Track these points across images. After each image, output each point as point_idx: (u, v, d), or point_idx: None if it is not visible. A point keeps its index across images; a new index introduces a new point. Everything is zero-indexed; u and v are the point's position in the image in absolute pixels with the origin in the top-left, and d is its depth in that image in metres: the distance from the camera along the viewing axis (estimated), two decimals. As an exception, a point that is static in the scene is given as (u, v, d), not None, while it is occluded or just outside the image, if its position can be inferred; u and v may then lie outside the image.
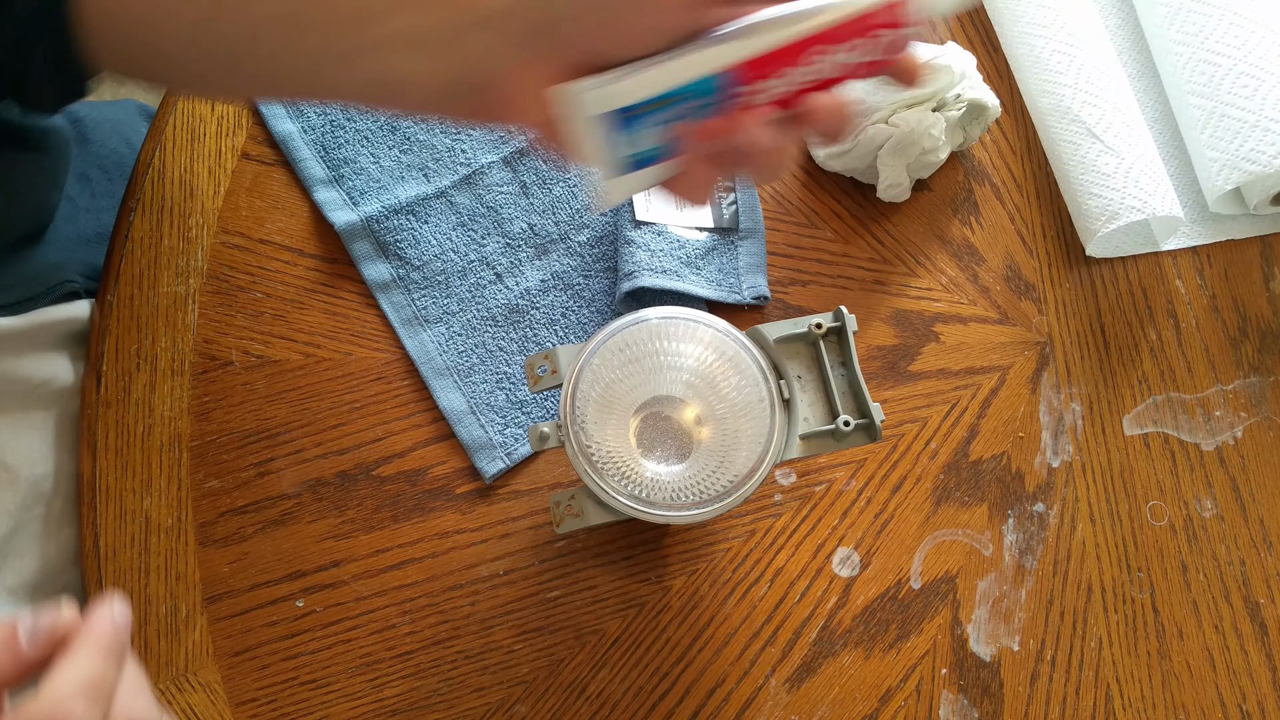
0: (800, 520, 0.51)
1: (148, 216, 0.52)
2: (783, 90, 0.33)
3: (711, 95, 0.33)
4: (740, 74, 0.32)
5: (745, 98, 0.33)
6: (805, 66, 0.33)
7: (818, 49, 0.32)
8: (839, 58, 0.33)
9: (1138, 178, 0.54)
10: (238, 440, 0.49)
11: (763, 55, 0.32)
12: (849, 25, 0.32)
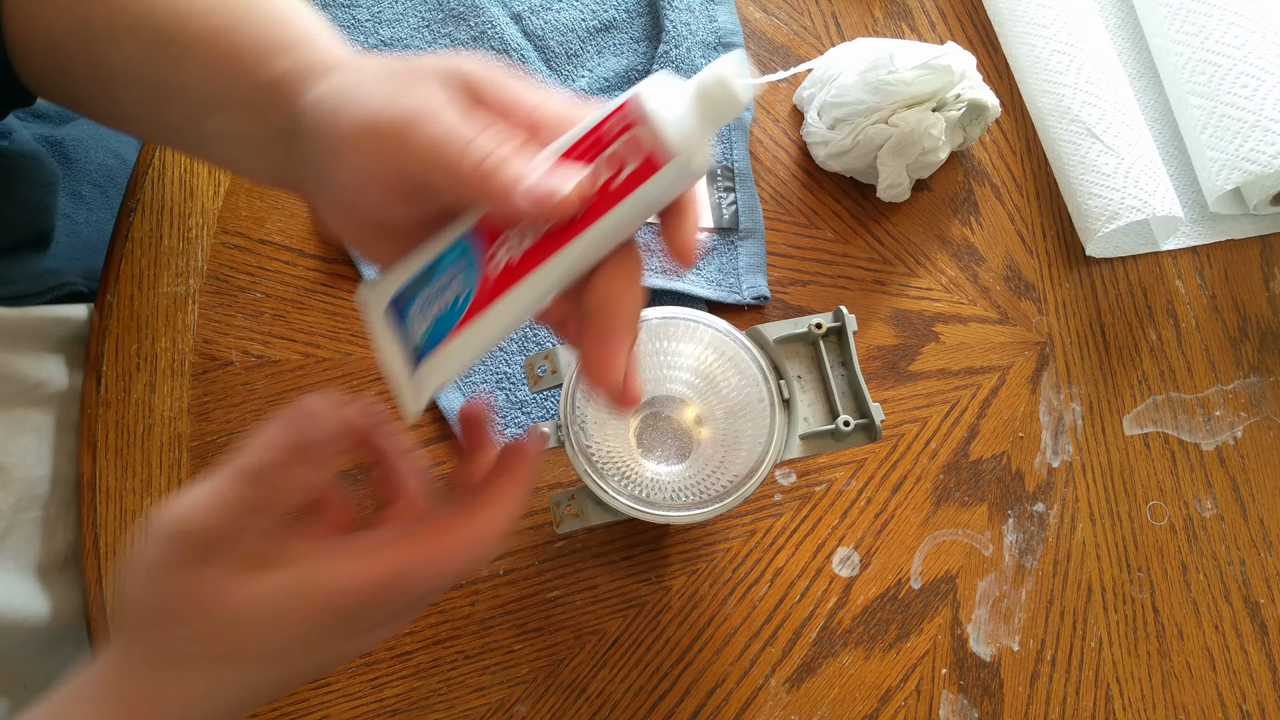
0: (800, 520, 0.51)
1: (148, 217, 0.52)
2: (529, 242, 0.30)
3: (467, 255, 0.31)
4: (486, 227, 0.31)
5: (501, 244, 0.31)
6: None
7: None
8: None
9: (1138, 178, 0.54)
10: (238, 440, 0.49)
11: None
12: (580, 145, 0.30)
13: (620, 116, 0.29)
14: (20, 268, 0.50)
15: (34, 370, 0.48)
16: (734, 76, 0.28)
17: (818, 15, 0.61)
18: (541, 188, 0.29)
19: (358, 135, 0.31)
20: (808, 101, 0.56)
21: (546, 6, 0.58)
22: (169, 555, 0.30)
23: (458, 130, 0.29)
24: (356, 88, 0.32)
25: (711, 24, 0.58)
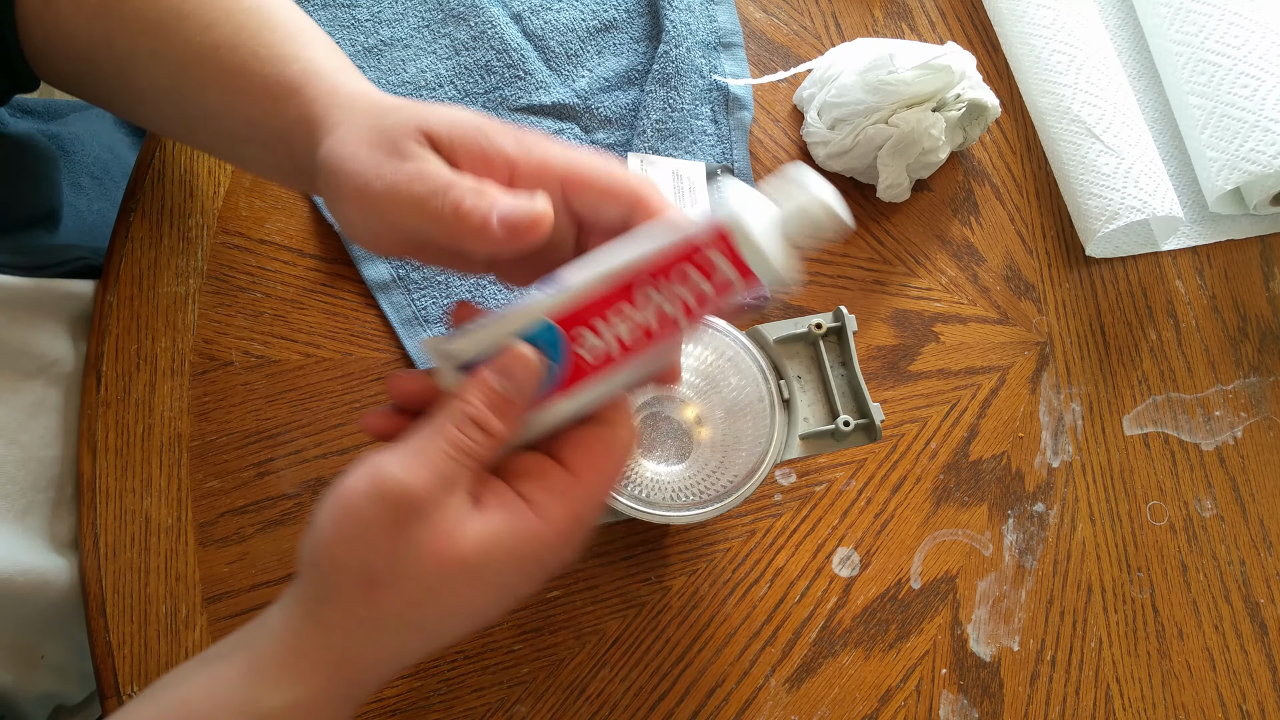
0: (800, 520, 0.51)
1: (148, 217, 0.52)
2: (627, 337, 0.33)
3: (552, 339, 0.33)
4: (569, 319, 0.33)
5: (585, 346, 0.33)
6: (634, 310, 0.32)
7: (642, 289, 0.32)
8: (666, 300, 0.32)
9: (1138, 178, 0.54)
10: (238, 440, 0.49)
11: (584, 303, 0.32)
12: (668, 260, 0.32)
13: (714, 231, 0.31)
14: (33, 242, 0.51)
15: (50, 347, 0.49)
16: (836, 203, 0.30)
17: (818, 15, 0.61)
18: (514, 214, 0.32)
19: (356, 203, 0.35)
20: (808, 101, 0.56)
21: (546, 6, 0.58)
22: (383, 517, 0.31)
23: (435, 184, 0.33)
24: (349, 159, 0.35)
25: (711, 24, 0.58)
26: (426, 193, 0.33)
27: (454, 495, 0.32)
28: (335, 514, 0.32)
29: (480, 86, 0.55)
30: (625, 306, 0.32)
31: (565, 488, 0.33)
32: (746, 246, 0.30)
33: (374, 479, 0.31)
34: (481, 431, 0.32)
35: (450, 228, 0.33)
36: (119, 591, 0.46)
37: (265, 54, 0.40)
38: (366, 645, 0.32)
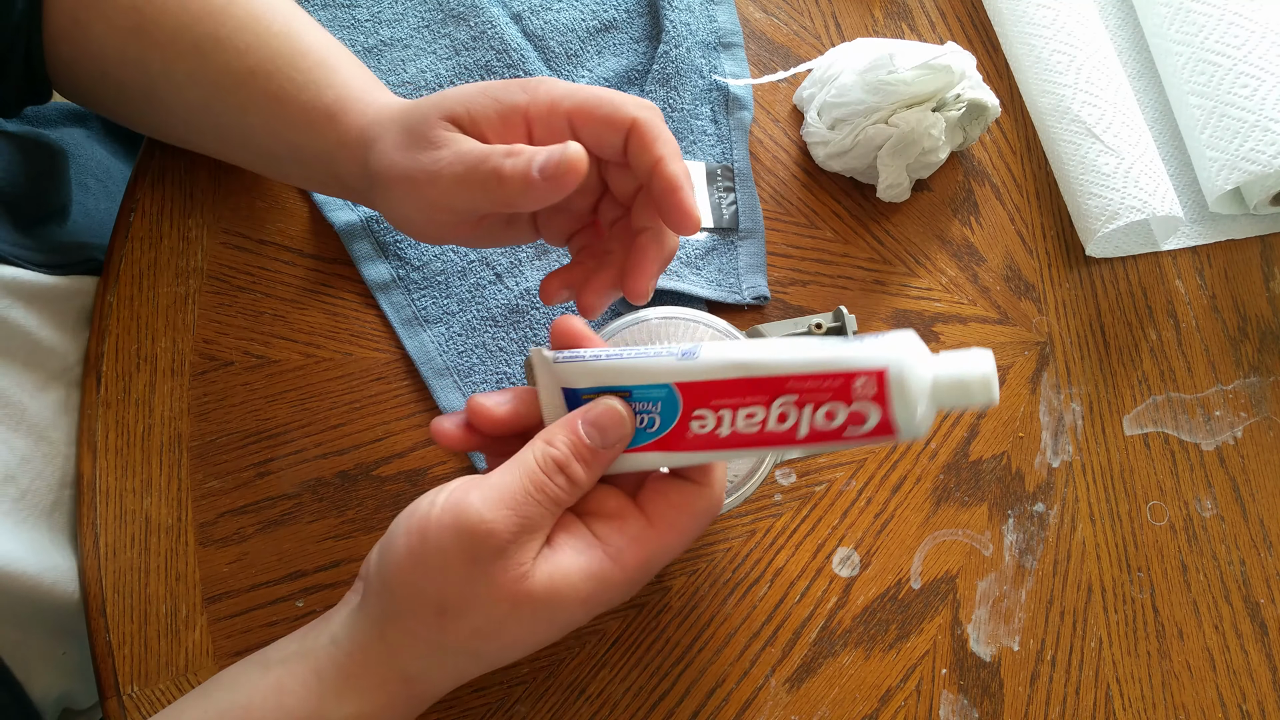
0: (800, 520, 0.51)
1: (148, 217, 0.52)
2: (741, 429, 0.33)
3: (670, 401, 0.34)
4: (694, 393, 0.33)
5: (699, 420, 0.33)
6: (762, 410, 0.32)
7: (782, 398, 0.32)
8: (802, 418, 0.32)
9: (1137, 178, 0.54)
10: (238, 440, 0.49)
11: (718, 387, 0.33)
12: (817, 380, 0.31)
13: (868, 383, 0.30)
14: (49, 237, 0.52)
15: (72, 348, 0.50)
16: (985, 378, 0.30)
17: (818, 15, 0.61)
18: (549, 162, 0.33)
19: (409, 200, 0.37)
20: (808, 101, 0.56)
21: (546, 6, 0.58)
22: (463, 550, 0.32)
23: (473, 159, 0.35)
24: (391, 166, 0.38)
25: (711, 24, 0.58)
26: (466, 170, 0.35)
27: (533, 535, 0.33)
28: (415, 540, 0.33)
29: (480, 86, 0.55)
30: (756, 404, 0.32)
31: (641, 536, 0.34)
32: (899, 398, 0.30)
33: (458, 514, 0.32)
34: (565, 478, 0.33)
35: (496, 193, 0.35)
36: (119, 591, 0.46)
37: (301, 80, 0.42)
38: (430, 667, 0.34)
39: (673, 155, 0.35)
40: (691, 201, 0.35)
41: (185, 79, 0.43)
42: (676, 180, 0.35)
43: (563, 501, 0.34)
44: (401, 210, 0.39)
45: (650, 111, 0.36)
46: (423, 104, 0.38)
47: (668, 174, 0.35)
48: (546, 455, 0.33)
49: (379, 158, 0.39)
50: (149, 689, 0.45)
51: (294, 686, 0.34)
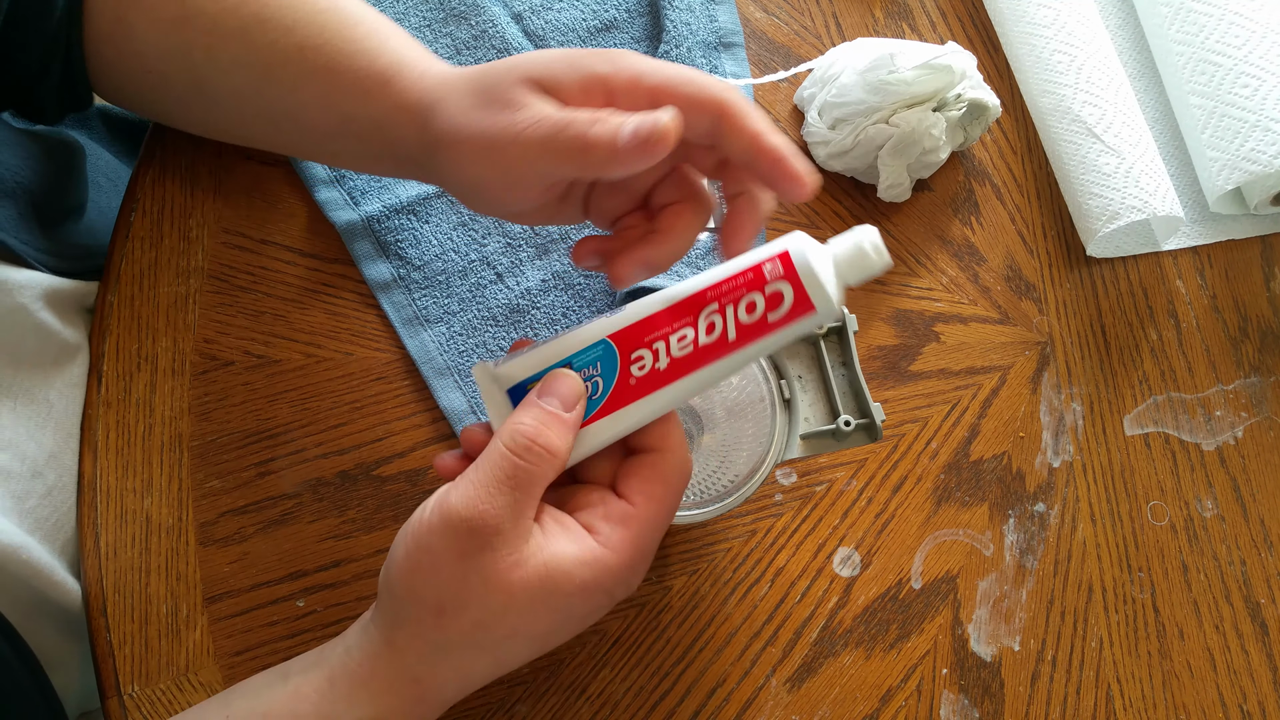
0: (801, 520, 0.51)
1: (148, 216, 0.52)
2: (677, 354, 0.34)
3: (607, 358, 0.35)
4: (626, 338, 0.34)
5: (638, 363, 0.34)
6: (692, 329, 0.34)
7: (705, 310, 0.34)
8: (727, 321, 0.34)
9: (1138, 178, 0.54)
10: (238, 440, 0.49)
11: (646, 322, 0.34)
12: (731, 280, 0.34)
13: (774, 265, 0.33)
14: (67, 239, 0.52)
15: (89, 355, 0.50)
16: (875, 244, 0.33)
17: (818, 15, 0.61)
18: (640, 129, 0.33)
19: (486, 162, 0.36)
20: (808, 101, 0.56)
21: (547, 6, 0.58)
22: (451, 547, 0.32)
23: (554, 124, 0.34)
24: (468, 125, 0.37)
25: (712, 24, 0.58)
26: (549, 133, 0.34)
27: (518, 522, 0.33)
28: (408, 546, 0.34)
29: (481, 86, 0.55)
30: (685, 326, 0.34)
31: (624, 516, 0.34)
32: (805, 271, 0.33)
33: (443, 513, 0.33)
34: (537, 450, 0.33)
35: (580, 159, 0.34)
36: (120, 591, 0.46)
37: (351, 49, 0.41)
38: (436, 666, 0.34)
39: (768, 129, 0.35)
40: (802, 164, 0.35)
41: (231, 63, 0.43)
42: (781, 150, 0.35)
43: (538, 477, 0.33)
44: (472, 172, 0.37)
45: (735, 92, 0.35)
46: (497, 66, 0.37)
47: (770, 147, 0.34)
48: (513, 435, 0.33)
49: (448, 119, 0.37)
50: (149, 689, 0.45)
51: (309, 693, 0.35)
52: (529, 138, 0.35)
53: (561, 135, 0.34)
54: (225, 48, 0.43)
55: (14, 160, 0.48)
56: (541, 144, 0.34)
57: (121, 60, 0.45)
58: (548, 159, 0.35)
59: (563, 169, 0.35)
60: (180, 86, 0.45)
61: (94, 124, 0.66)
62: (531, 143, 0.35)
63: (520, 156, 0.35)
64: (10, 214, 0.47)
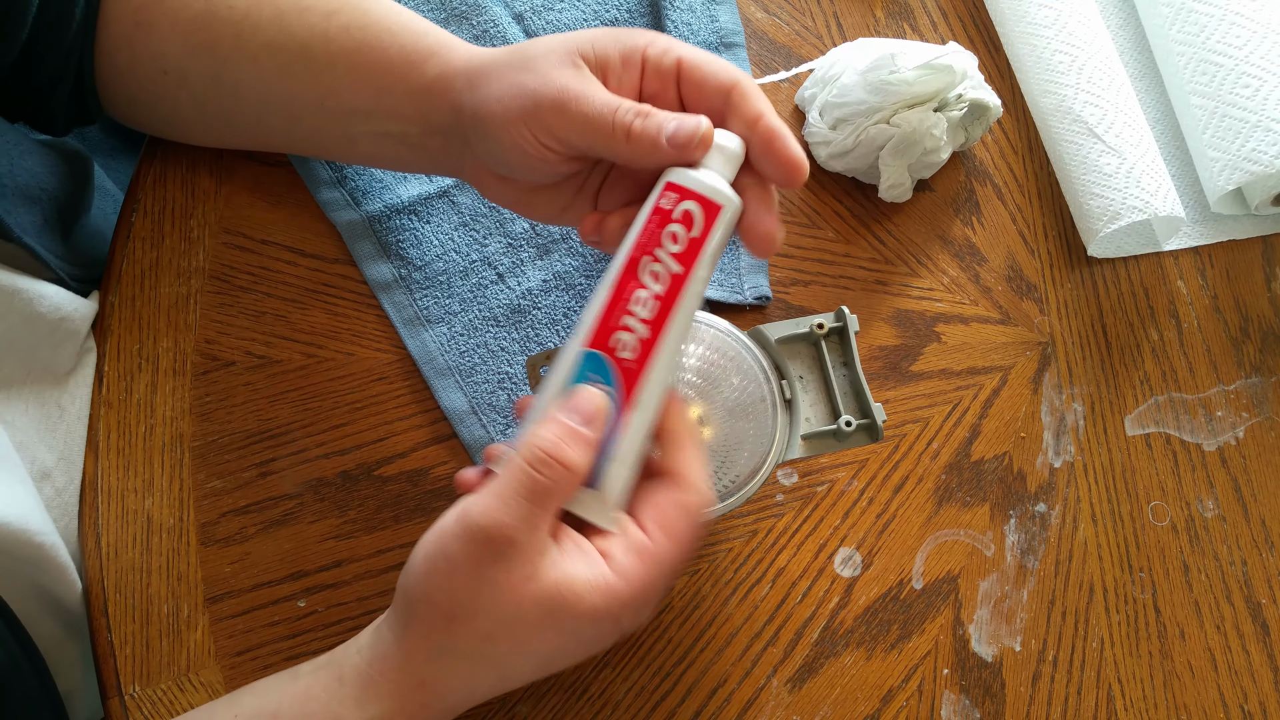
0: (802, 520, 0.51)
1: (149, 216, 0.52)
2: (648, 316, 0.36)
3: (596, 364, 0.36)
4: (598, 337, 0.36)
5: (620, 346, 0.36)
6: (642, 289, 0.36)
7: (640, 268, 0.36)
8: (661, 263, 0.36)
9: (1139, 178, 0.54)
10: (239, 440, 0.49)
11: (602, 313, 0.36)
12: (645, 231, 0.36)
13: (669, 195, 0.36)
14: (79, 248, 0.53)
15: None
16: (724, 134, 0.37)
17: (819, 15, 0.61)
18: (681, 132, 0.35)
19: (525, 119, 0.37)
20: (809, 102, 0.56)
21: (548, 7, 0.58)
22: (468, 554, 0.33)
23: (603, 104, 0.36)
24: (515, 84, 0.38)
25: (713, 24, 0.58)
26: (595, 113, 0.36)
27: (534, 535, 0.33)
28: (427, 551, 0.34)
29: (482, 86, 0.55)
30: (636, 291, 0.35)
31: (641, 547, 0.34)
32: (695, 182, 0.36)
33: (462, 522, 0.33)
34: (555, 466, 0.34)
35: (620, 146, 0.36)
36: (121, 591, 0.46)
37: (397, 28, 0.43)
38: (441, 671, 0.34)
39: (771, 112, 0.37)
40: (796, 149, 0.36)
41: (261, 48, 0.43)
42: (778, 130, 0.36)
43: (555, 492, 0.34)
44: (509, 136, 0.38)
45: (747, 76, 0.38)
46: (542, 41, 0.39)
47: (768, 126, 0.36)
48: (532, 449, 0.34)
49: (496, 81, 0.39)
50: (150, 689, 0.45)
51: (318, 693, 0.35)
52: (574, 107, 0.36)
53: (605, 120, 0.36)
54: (257, 35, 0.43)
55: (38, 168, 0.49)
56: (584, 119, 0.36)
57: (137, 64, 0.45)
58: (587, 135, 0.37)
59: (597, 148, 0.37)
60: (199, 81, 0.45)
61: (89, 133, 0.67)
62: (575, 113, 0.36)
63: (562, 124, 0.37)
64: (35, 220, 0.48)
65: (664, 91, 0.38)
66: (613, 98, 0.37)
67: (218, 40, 0.44)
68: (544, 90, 0.37)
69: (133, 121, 0.50)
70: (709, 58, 0.38)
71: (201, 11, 0.43)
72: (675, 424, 0.37)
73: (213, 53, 0.44)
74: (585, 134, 0.37)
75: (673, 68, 0.37)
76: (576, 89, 0.36)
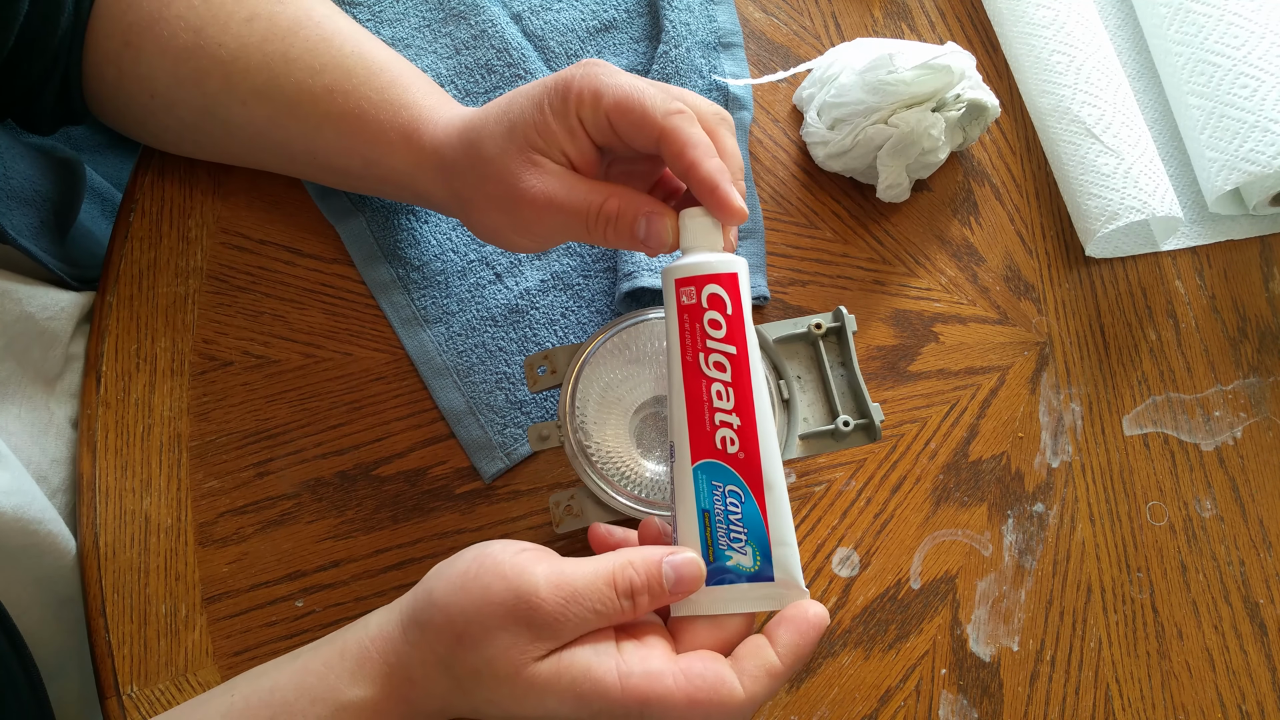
0: (800, 520, 0.51)
1: (147, 217, 0.52)
2: (731, 402, 0.36)
3: (718, 474, 0.36)
4: (697, 447, 0.36)
5: (727, 445, 0.36)
6: (710, 383, 0.36)
7: (697, 368, 0.36)
8: (711, 352, 0.36)
9: (1137, 178, 0.54)
10: (237, 440, 0.49)
11: (692, 430, 0.36)
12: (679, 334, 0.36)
13: (689, 289, 0.36)
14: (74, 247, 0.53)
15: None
16: (700, 211, 0.37)
17: (817, 15, 0.61)
18: (655, 238, 0.37)
19: (511, 226, 0.40)
20: (807, 101, 0.56)
21: (546, 7, 0.58)
22: (504, 610, 0.33)
23: (576, 207, 0.38)
24: (483, 195, 0.40)
25: (711, 24, 0.58)
26: (568, 217, 0.38)
27: (570, 637, 0.33)
28: (474, 569, 0.34)
29: (481, 86, 0.55)
30: (710, 388, 0.36)
31: (656, 666, 0.33)
32: (701, 266, 0.36)
33: (520, 573, 0.33)
34: (630, 603, 0.34)
35: (599, 241, 0.39)
36: (119, 591, 0.46)
37: (377, 99, 0.43)
38: (429, 679, 0.35)
39: (704, 156, 0.36)
40: (729, 194, 0.36)
41: (251, 95, 0.44)
42: (712, 180, 0.36)
43: (614, 620, 0.34)
44: (503, 234, 0.41)
45: (678, 117, 0.37)
46: (495, 134, 0.39)
47: (701, 177, 0.36)
48: (624, 575, 0.34)
49: (463, 185, 0.41)
50: (148, 689, 0.45)
51: (316, 666, 0.36)
52: (548, 218, 0.38)
53: (579, 220, 0.38)
54: (246, 79, 0.44)
55: (31, 171, 0.49)
56: (565, 224, 0.39)
57: (125, 83, 0.45)
58: (571, 232, 0.39)
59: (579, 237, 0.39)
60: (189, 112, 0.46)
61: (75, 129, 0.67)
62: (555, 221, 0.39)
63: (543, 227, 0.39)
64: (31, 221, 0.48)
65: (612, 140, 0.39)
66: (576, 197, 0.38)
67: (206, 76, 0.44)
68: (519, 206, 0.39)
69: (126, 132, 0.50)
70: (633, 102, 0.37)
71: (190, 44, 0.43)
72: (790, 639, 0.35)
73: (201, 88, 0.44)
74: (567, 233, 0.39)
75: (606, 122, 0.38)
76: (542, 197, 0.38)
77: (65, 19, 0.44)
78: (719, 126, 0.39)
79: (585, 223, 0.38)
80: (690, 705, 0.32)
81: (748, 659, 0.34)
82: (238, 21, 0.44)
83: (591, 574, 0.34)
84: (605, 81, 0.37)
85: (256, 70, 0.43)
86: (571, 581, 0.33)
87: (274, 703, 0.35)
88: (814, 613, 0.35)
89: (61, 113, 0.48)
